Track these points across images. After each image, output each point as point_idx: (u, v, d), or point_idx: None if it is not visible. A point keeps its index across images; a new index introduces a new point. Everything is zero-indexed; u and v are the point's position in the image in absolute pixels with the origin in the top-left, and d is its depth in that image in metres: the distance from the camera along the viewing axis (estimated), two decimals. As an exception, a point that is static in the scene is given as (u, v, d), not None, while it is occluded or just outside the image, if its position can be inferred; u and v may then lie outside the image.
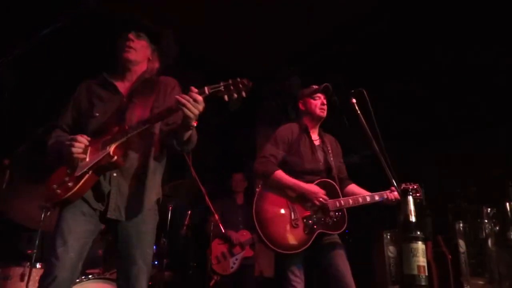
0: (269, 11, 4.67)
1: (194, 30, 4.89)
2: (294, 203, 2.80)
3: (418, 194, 2.97)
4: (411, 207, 1.71)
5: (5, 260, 3.20)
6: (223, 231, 4.27)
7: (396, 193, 2.79)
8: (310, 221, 2.75)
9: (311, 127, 3.08)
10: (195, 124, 2.03)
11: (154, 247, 3.97)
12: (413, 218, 1.69)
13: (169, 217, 4.04)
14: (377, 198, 2.84)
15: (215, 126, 5.37)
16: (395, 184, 2.37)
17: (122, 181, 2.13)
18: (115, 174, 2.11)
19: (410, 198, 1.74)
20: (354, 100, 2.71)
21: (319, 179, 2.89)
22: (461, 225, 1.66)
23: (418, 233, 1.64)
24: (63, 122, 2.32)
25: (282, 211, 2.76)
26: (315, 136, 3.09)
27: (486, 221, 1.62)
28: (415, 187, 2.98)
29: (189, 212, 4.60)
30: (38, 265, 3.22)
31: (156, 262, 3.94)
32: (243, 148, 6.18)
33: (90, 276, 3.04)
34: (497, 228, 2.92)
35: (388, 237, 1.86)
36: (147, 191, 2.18)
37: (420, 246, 1.62)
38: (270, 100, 6.08)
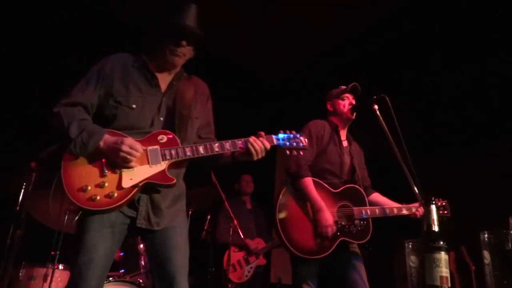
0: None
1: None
2: None
3: (445, 212, 2.90)
4: (434, 216, 1.68)
5: (29, 261, 3.27)
6: (242, 236, 4.25)
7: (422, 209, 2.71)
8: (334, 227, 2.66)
9: (341, 128, 3.02)
10: None
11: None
12: (436, 228, 1.66)
13: (188, 222, 4.04)
14: (404, 211, 2.79)
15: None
16: (421, 198, 2.31)
17: (153, 188, 1.94)
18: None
19: (433, 207, 1.70)
20: (376, 107, 2.68)
21: (344, 185, 2.82)
22: (486, 235, 1.62)
23: (441, 243, 1.61)
24: (87, 100, 1.95)
25: (306, 213, 2.68)
26: (343, 137, 3.03)
27: (512, 232, 1.58)
28: (443, 204, 2.92)
29: (209, 216, 4.61)
30: (61, 266, 3.27)
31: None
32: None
33: (110, 278, 3.08)
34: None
35: (410, 246, 1.82)
36: (180, 196, 2.13)
37: (443, 256, 1.59)
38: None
